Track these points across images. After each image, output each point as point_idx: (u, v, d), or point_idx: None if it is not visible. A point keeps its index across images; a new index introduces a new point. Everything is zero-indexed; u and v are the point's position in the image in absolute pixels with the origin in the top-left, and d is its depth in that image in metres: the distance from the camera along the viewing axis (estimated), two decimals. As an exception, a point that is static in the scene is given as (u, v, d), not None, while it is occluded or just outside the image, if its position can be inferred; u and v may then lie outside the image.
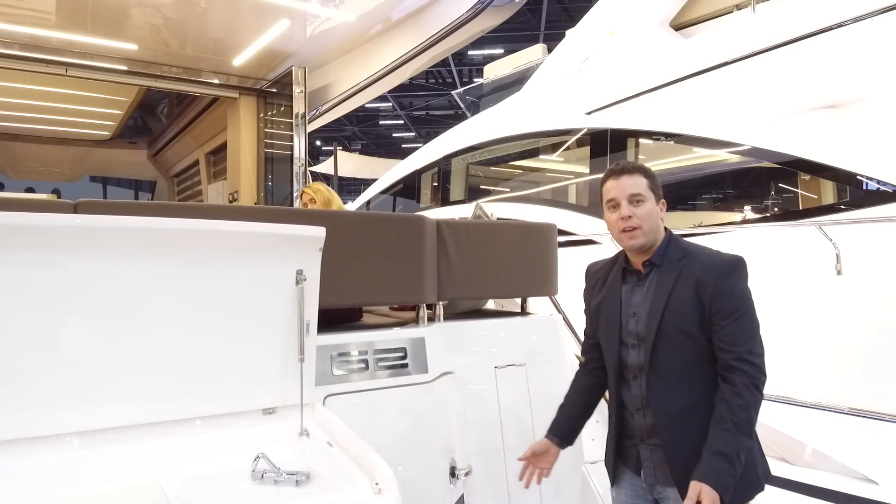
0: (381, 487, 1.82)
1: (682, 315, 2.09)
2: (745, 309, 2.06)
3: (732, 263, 2.10)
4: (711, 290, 2.06)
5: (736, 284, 2.08)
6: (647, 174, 2.18)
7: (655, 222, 2.16)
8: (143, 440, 2.04)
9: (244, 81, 5.87)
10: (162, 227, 2.01)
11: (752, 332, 2.06)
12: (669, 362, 2.12)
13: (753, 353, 2.03)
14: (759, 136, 5.42)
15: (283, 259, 2.19)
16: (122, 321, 1.99)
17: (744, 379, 2.00)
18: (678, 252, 2.16)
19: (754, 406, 2.01)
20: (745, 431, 1.98)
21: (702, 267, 2.11)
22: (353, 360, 2.58)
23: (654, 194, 2.17)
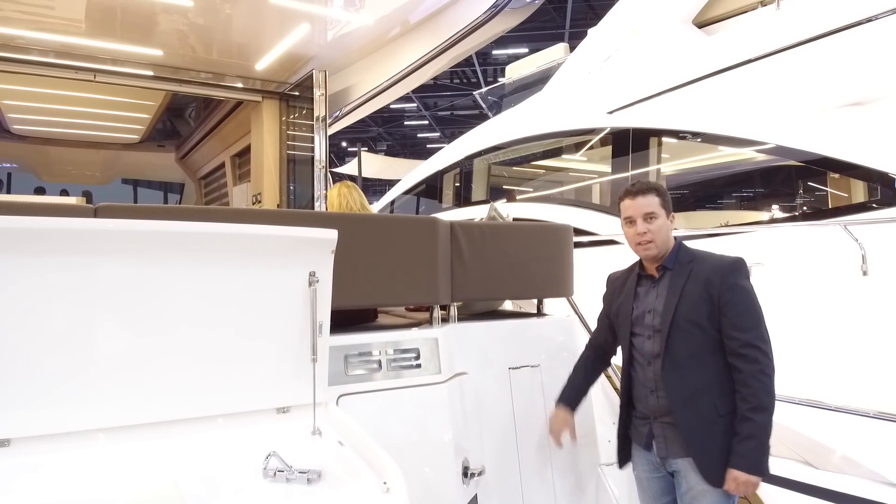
0: (389, 486, 1.85)
1: (693, 308, 2.37)
2: (749, 301, 2.33)
3: (736, 262, 2.39)
4: (719, 286, 2.34)
5: (740, 279, 2.36)
6: (659, 192, 2.49)
7: (667, 234, 2.47)
8: (160, 438, 2.10)
9: (267, 85, 5.95)
10: (179, 230, 2.06)
11: (756, 321, 2.31)
12: (682, 349, 2.39)
13: (759, 338, 2.29)
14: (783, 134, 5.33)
15: (297, 261, 2.23)
16: (140, 322, 2.05)
17: (750, 367, 2.27)
18: (687, 257, 2.48)
19: (764, 390, 2.25)
20: (761, 411, 2.24)
21: (710, 268, 2.40)
22: (367, 361, 2.61)
23: (665, 210, 2.48)
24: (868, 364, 4.22)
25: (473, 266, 3.04)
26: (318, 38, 4.95)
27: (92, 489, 1.85)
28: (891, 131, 4.75)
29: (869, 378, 4.17)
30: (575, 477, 3.16)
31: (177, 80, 5.66)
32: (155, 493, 1.89)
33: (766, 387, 2.26)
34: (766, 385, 2.26)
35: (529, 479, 3.07)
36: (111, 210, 2.24)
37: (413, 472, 2.56)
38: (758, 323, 2.31)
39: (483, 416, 2.96)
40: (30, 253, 1.82)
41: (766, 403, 2.25)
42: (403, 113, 31.37)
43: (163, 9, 4.59)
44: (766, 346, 2.29)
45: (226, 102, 6.95)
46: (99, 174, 10.70)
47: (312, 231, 2.23)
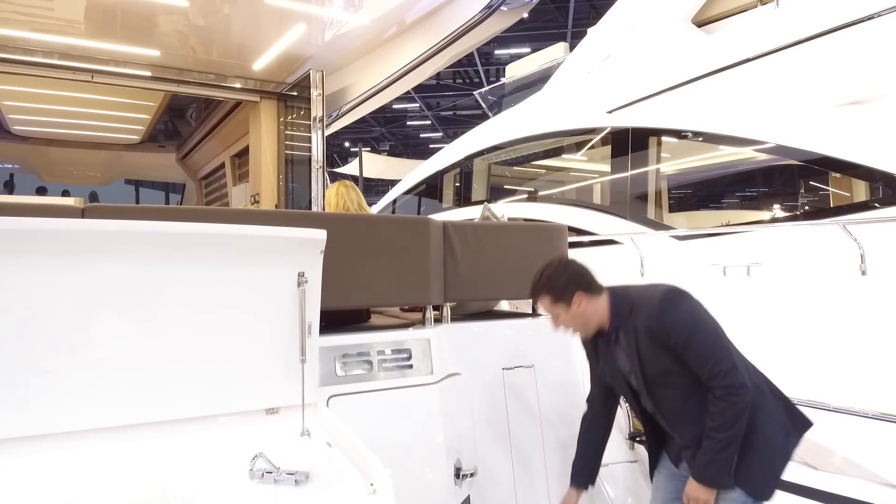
0: (375, 488, 1.84)
1: (657, 362, 2.35)
2: (693, 332, 2.29)
3: (662, 299, 2.34)
4: (661, 335, 2.31)
5: (675, 316, 2.31)
6: (549, 288, 2.45)
7: (582, 317, 2.44)
8: (147, 439, 2.09)
9: (265, 85, 5.95)
10: (167, 230, 2.05)
11: (709, 350, 2.27)
12: (674, 400, 2.39)
13: (717, 365, 2.25)
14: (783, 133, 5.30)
15: (285, 262, 2.22)
16: (128, 323, 2.04)
17: (717, 392, 2.26)
18: (625, 308, 2.42)
19: (729, 408, 2.24)
20: (722, 430, 2.25)
21: (645, 317, 2.35)
22: (358, 361, 2.60)
23: (564, 300, 2.42)
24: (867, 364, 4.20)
25: (466, 266, 3.02)
26: (315, 38, 4.94)
27: (76, 490, 1.84)
28: (891, 130, 4.72)
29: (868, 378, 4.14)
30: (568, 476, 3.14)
31: (175, 81, 5.66)
32: (140, 494, 1.88)
33: (730, 406, 2.24)
34: (731, 405, 2.24)
35: (523, 480, 3.05)
36: (98, 210, 2.24)
37: (404, 473, 2.56)
38: (711, 349, 2.28)
39: (476, 417, 2.95)
40: (15, 254, 1.82)
41: (728, 423, 2.24)
42: (406, 113, 31.38)
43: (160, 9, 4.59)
44: (725, 367, 2.26)
45: (225, 103, 6.95)
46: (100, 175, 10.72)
47: (301, 231, 2.22)
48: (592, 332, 2.50)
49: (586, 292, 2.42)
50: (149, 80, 5.55)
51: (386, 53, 4.94)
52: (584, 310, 2.42)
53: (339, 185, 4.09)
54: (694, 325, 2.30)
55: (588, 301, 2.42)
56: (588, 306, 2.43)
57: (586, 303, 2.42)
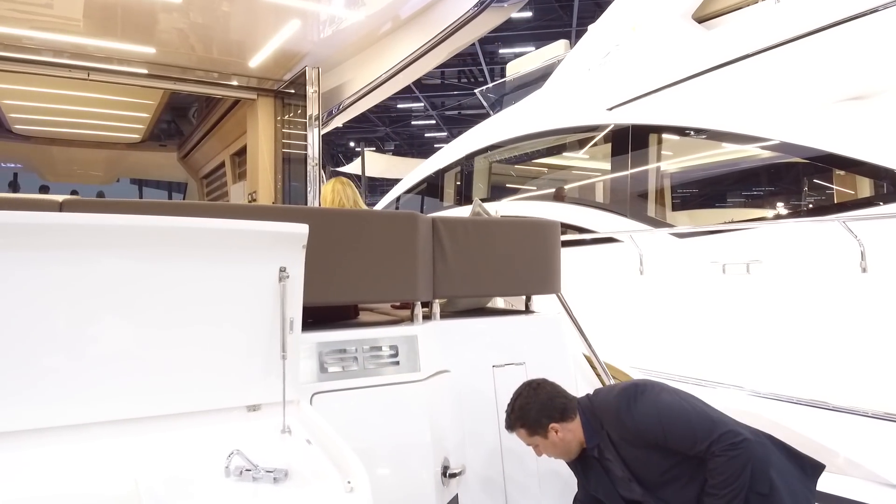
0: (353, 486, 1.80)
1: (649, 465, 2.29)
2: (664, 423, 2.23)
3: (617, 407, 2.31)
4: (633, 437, 2.28)
5: (637, 414, 2.27)
6: (523, 422, 2.47)
7: (562, 444, 2.44)
8: (124, 436, 2.06)
9: (262, 83, 5.94)
10: (145, 225, 2.03)
11: (690, 430, 2.21)
12: (684, 491, 2.28)
13: (705, 440, 2.18)
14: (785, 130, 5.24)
15: (266, 256, 2.19)
16: (105, 318, 2.01)
17: (714, 458, 2.18)
18: (595, 423, 2.40)
19: (729, 462, 2.15)
20: (724, 485, 2.14)
21: (612, 427, 2.34)
22: (343, 358, 2.56)
23: (540, 432, 2.44)
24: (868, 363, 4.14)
25: (456, 262, 2.98)
26: (311, 34, 4.92)
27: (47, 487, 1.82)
28: (893, 126, 4.65)
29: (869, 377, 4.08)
30: (562, 479, 3.10)
31: (171, 79, 5.65)
32: (112, 492, 1.85)
33: (731, 460, 2.15)
34: (731, 458, 2.15)
35: (514, 480, 3.01)
36: (77, 205, 2.21)
37: (390, 472, 2.52)
38: (691, 429, 2.22)
39: (465, 416, 2.90)
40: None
41: (729, 478, 2.15)
42: (411, 113, 31.36)
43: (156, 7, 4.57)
44: (715, 436, 2.18)
45: (224, 101, 6.94)
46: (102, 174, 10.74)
47: (282, 226, 2.18)
48: (576, 455, 2.48)
49: (560, 420, 2.42)
50: (145, 77, 5.54)
51: (382, 49, 4.91)
52: (562, 438, 2.43)
53: (336, 181, 4.06)
54: (661, 416, 2.25)
55: (563, 429, 2.43)
56: (565, 434, 2.43)
57: (562, 431, 2.42)
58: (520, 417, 2.47)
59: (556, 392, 2.50)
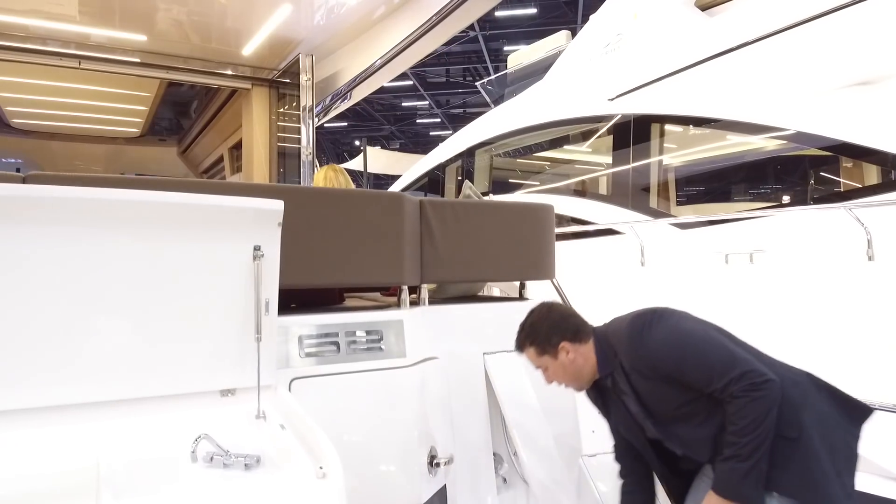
0: (325, 472, 1.71)
1: (663, 399, 2.09)
2: (678, 352, 2.02)
3: (630, 332, 2.10)
4: (645, 367, 2.07)
5: (651, 342, 2.05)
6: (531, 338, 2.28)
7: (572, 368, 2.23)
8: (90, 420, 1.98)
9: (256, 72, 5.86)
10: (109, 198, 1.93)
11: (707, 363, 1.99)
12: (700, 430, 2.07)
13: (724, 377, 1.95)
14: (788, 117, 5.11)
15: (239, 234, 2.10)
16: (70, 297, 1.93)
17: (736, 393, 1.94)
18: (609, 351, 2.19)
19: (751, 405, 1.91)
20: (746, 431, 1.91)
21: (624, 356, 2.12)
22: (323, 343, 2.47)
23: (549, 351, 2.24)
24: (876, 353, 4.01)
25: (445, 246, 2.88)
26: (303, 20, 4.83)
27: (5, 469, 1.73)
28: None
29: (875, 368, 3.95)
30: (554, 468, 3.00)
31: (165, 67, 5.57)
32: (71, 475, 1.77)
33: (752, 402, 1.91)
34: (752, 400, 1.91)
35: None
36: (41, 178, 2.12)
37: (373, 460, 2.43)
38: (708, 361, 1.98)
39: (455, 404, 2.81)
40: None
41: (751, 424, 1.90)
42: (416, 111, 31.29)
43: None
44: (735, 372, 1.94)
45: (220, 94, 6.87)
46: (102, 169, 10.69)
47: (255, 202, 2.09)
48: (587, 384, 2.28)
49: (572, 341, 2.22)
50: (138, 66, 5.47)
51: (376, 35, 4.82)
52: (573, 360, 2.22)
53: (328, 168, 3.97)
54: (676, 346, 2.03)
55: (575, 350, 2.22)
56: (577, 356, 2.22)
57: (574, 352, 2.22)
58: (530, 335, 2.28)
59: (571, 313, 2.31)
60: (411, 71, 24.21)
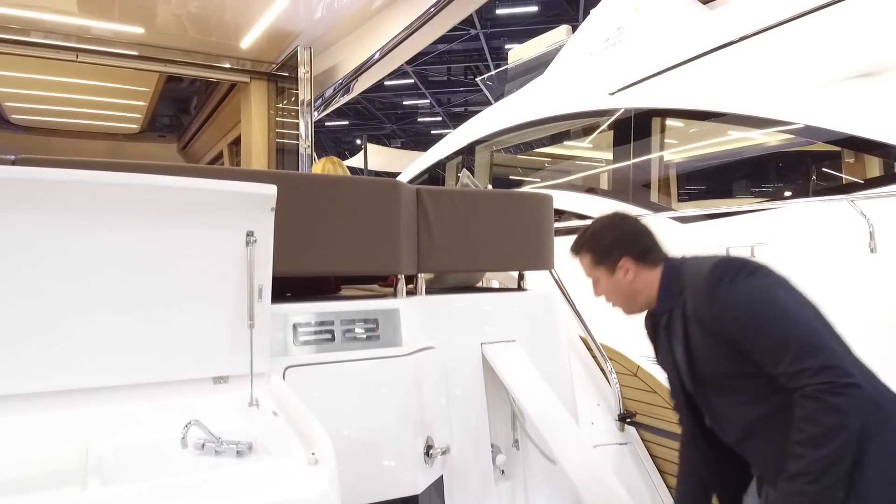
0: (317, 458, 1.68)
1: (711, 362, 1.80)
2: (760, 316, 1.67)
3: (710, 275, 1.76)
4: (710, 323, 1.74)
5: (727, 297, 1.72)
6: (591, 245, 2.01)
7: (627, 289, 1.97)
8: (81, 406, 1.96)
9: (255, 66, 5.83)
10: (100, 181, 1.91)
11: (784, 342, 1.63)
12: (737, 411, 1.80)
13: (798, 363, 1.60)
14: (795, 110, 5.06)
15: (232, 219, 2.07)
16: (61, 282, 1.91)
17: (807, 389, 1.59)
18: (675, 286, 1.89)
19: (825, 412, 1.55)
20: (816, 444, 1.56)
21: (692, 300, 1.80)
22: (318, 331, 2.44)
23: (607, 264, 1.97)
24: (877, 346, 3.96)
25: (443, 235, 2.85)
26: (302, 12, 4.80)
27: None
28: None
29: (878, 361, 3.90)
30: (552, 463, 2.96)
31: (162, 61, 5.54)
32: (60, 460, 1.74)
33: (829, 406, 1.55)
34: (829, 404, 1.55)
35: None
36: (30, 162, 2.09)
37: (368, 449, 2.40)
38: (787, 340, 1.63)
39: (452, 394, 2.78)
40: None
41: (824, 435, 1.55)
42: (417, 109, 31.26)
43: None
44: (815, 363, 1.59)
45: (219, 88, 6.84)
46: (102, 166, 10.67)
47: (248, 186, 2.06)
48: (638, 311, 2.03)
49: (636, 260, 1.93)
50: (135, 59, 5.44)
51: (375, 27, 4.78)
52: (631, 281, 1.94)
53: (326, 160, 3.94)
54: (755, 308, 1.68)
55: (637, 271, 1.94)
56: (637, 278, 1.94)
57: (634, 273, 1.94)
58: (590, 240, 2.00)
59: (645, 231, 2.00)
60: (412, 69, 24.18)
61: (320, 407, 2.29)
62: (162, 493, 1.49)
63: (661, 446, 3.09)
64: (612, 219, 2.04)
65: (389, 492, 2.37)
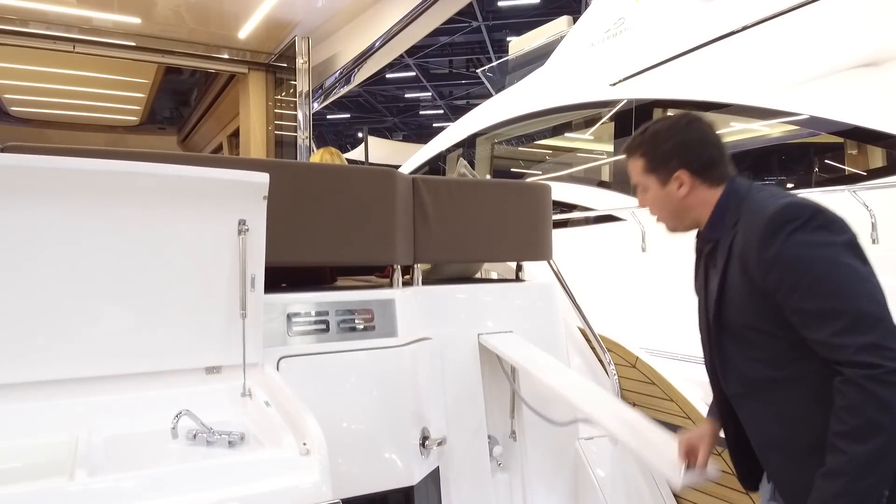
0: (308, 448, 1.66)
1: (740, 305, 1.61)
2: (810, 277, 1.46)
3: (775, 216, 1.51)
4: (756, 266, 1.53)
5: (787, 246, 1.48)
6: (646, 149, 1.74)
7: (676, 205, 1.73)
8: (74, 396, 1.94)
9: (253, 56, 5.80)
10: (90, 168, 1.89)
11: (837, 307, 1.43)
12: (746, 363, 1.64)
13: (843, 336, 1.41)
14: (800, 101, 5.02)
15: (224, 207, 2.05)
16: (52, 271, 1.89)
17: (850, 373, 1.41)
18: (731, 215, 1.65)
19: (870, 402, 1.37)
20: (859, 438, 1.38)
21: (744, 234, 1.58)
22: (313, 321, 2.42)
23: (660, 172, 1.72)
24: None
25: (439, 225, 2.83)
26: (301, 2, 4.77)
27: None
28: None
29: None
30: (550, 451, 2.95)
31: (160, 51, 5.51)
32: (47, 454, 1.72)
33: (876, 399, 1.37)
34: (876, 397, 1.37)
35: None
36: (19, 149, 2.07)
37: (363, 440, 2.38)
38: (835, 307, 1.43)
39: (449, 385, 2.75)
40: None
41: (871, 426, 1.37)
42: (419, 102, 31.15)
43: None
44: (863, 333, 1.39)
45: (218, 80, 6.81)
46: (102, 158, 10.64)
47: (240, 174, 2.04)
48: (682, 230, 1.80)
49: (695, 175, 1.69)
50: (132, 50, 5.41)
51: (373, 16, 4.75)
52: (684, 197, 1.70)
53: (324, 151, 3.92)
54: (814, 269, 1.45)
55: (693, 186, 1.69)
56: (691, 194, 1.70)
57: (689, 188, 1.69)
58: (646, 142, 1.74)
59: (713, 143, 1.73)
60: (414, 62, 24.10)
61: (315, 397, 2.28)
62: (150, 483, 1.47)
63: (659, 438, 3.07)
64: (678, 121, 1.75)
65: (384, 483, 2.35)
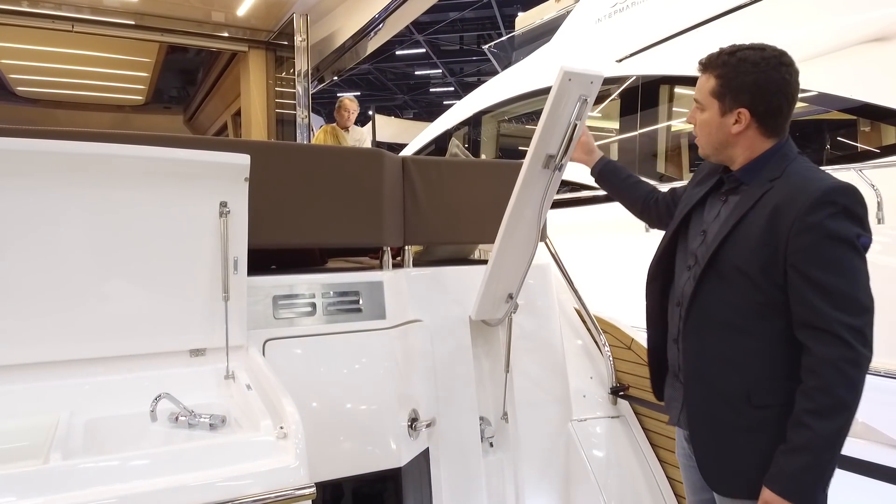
0: (285, 432, 1.66)
1: (746, 250, 1.66)
2: (833, 258, 1.55)
3: (827, 193, 1.56)
4: (789, 225, 1.58)
5: (826, 223, 1.54)
6: (723, 75, 1.71)
7: (723, 137, 1.75)
8: (56, 378, 1.95)
9: (253, 34, 5.75)
10: (69, 150, 1.87)
11: (844, 292, 1.54)
12: (717, 302, 1.72)
13: (849, 308, 1.54)
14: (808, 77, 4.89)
15: (205, 189, 2.03)
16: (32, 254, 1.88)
17: (828, 351, 1.54)
18: (775, 171, 1.69)
19: (842, 385, 1.52)
20: (827, 416, 1.52)
21: (787, 192, 1.61)
22: (299, 303, 2.41)
23: (725, 100, 1.71)
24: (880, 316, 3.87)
25: (430, 206, 2.80)
26: (297, -22, 4.71)
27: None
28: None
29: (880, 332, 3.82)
30: (543, 432, 2.94)
31: (159, 30, 5.48)
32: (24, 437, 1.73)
33: (847, 381, 1.52)
34: (848, 378, 1.52)
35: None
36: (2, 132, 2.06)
37: (350, 422, 2.39)
38: (845, 294, 1.54)
39: (440, 368, 2.74)
40: None
41: (839, 405, 1.52)
42: (429, 79, 30.89)
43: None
44: (859, 319, 1.54)
45: (220, 58, 6.77)
46: (109, 138, 10.66)
47: (220, 156, 2.02)
48: (715, 160, 1.83)
49: (757, 119, 1.70)
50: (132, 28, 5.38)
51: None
52: (734, 135, 1.72)
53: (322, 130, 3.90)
54: (838, 251, 1.55)
55: (748, 129, 1.71)
56: (743, 134, 1.72)
57: (744, 129, 1.71)
58: (727, 66, 1.71)
59: (788, 95, 1.70)
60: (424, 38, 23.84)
61: (300, 380, 2.29)
62: (124, 467, 1.48)
63: (653, 419, 3.05)
64: (769, 58, 1.69)
65: (372, 464, 2.36)
